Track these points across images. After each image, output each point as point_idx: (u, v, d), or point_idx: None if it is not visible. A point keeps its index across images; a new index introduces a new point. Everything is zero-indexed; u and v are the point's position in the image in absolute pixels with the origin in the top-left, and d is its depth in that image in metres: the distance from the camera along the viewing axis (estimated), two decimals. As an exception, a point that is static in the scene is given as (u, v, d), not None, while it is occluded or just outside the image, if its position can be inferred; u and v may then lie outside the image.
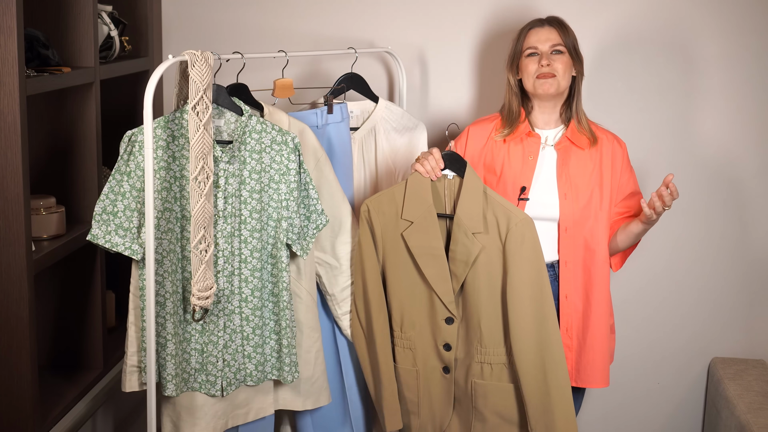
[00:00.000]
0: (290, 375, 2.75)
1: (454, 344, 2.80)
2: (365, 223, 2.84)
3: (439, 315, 2.79)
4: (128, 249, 2.56)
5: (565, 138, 2.89)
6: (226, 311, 2.69)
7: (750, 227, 3.56)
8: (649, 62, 3.49)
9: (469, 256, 2.72)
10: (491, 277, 2.74)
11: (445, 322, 2.79)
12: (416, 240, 2.77)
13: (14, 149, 2.48)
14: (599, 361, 2.90)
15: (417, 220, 2.76)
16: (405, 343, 2.86)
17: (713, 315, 3.63)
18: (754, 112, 3.49)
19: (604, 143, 2.91)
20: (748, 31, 3.45)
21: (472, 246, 2.72)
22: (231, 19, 3.58)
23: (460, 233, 2.73)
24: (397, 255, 2.82)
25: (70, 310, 3.01)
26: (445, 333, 2.80)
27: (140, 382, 2.67)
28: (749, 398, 3.29)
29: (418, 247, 2.77)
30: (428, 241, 2.76)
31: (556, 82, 2.84)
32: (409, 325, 2.84)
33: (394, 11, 3.55)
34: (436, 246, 2.75)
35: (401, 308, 2.85)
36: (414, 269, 2.80)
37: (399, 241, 2.80)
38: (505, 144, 2.92)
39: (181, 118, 2.61)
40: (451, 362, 2.81)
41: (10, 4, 2.41)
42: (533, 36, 2.87)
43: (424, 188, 2.77)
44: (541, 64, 2.83)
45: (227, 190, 2.65)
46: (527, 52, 2.86)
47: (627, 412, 3.72)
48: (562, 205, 2.87)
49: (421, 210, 2.76)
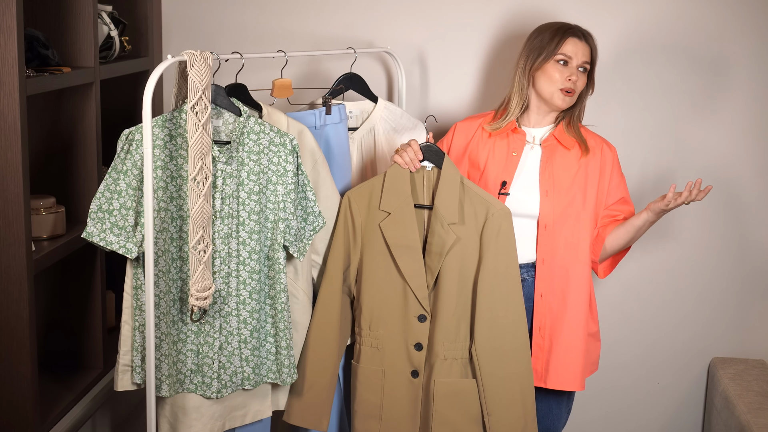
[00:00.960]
0: (289, 377, 2.75)
1: (425, 344, 2.77)
2: (346, 215, 2.82)
3: (412, 312, 2.77)
4: (123, 248, 2.56)
5: (552, 137, 2.89)
6: (222, 312, 2.69)
7: (750, 227, 3.56)
8: (649, 63, 3.49)
9: (443, 247, 2.72)
10: (465, 269, 2.74)
11: (417, 320, 2.77)
12: (393, 231, 2.76)
13: (14, 149, 2.48)
14: (572, 364, 2.88)
15: (394, 211, 2.76)
16: (372, 342, 2.82)
17: (713, 315, 3.63)
18: (754, 113, 3.49)
19: (593, 147, 2.90)
20: (748, 31, 3.45)
21: (446, 236, 2.72)
22: (230, 19, 3.58)
23: (437, 224, 2.74)
24: (374, 247, 2.80)
25: (70, 310, 3.01)
26: (417, 331, 2.77)
27: (132, 382, 2.67)
28: (749, 398, 3.29)
29: (394, 237, 2.76)
30: (405, 232, 2.76)
31: (573, 100, 2.86)
32: (379, 323, 2.81)
33: (394, 11, 3.55)
34: (412, 238, 2.75)
35: (372, 305, 2.82)
36: (390, 262, 2.79)
37: (376, 232, 2.79)
38: (490, 138, 2.93)
39: (179, 117, 2.61)
40: (421, 364, 2.78)
41: (10, 4, 2.41)
42: (570, 45, 2.84)
43: (402, 179, 2.77)
44: (570, 79, 2.82)
45: (224, 191, 2.65)
46: (558, 58, 2.83)
47: (627, 412, 3.72)
48: (543, 203, 2.86)
49: (399, 201, 2.76)
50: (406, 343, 2.79)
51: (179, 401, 2.70)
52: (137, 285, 2.61)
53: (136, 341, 2.63)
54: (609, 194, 2.91)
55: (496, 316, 2.74)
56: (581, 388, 2.91)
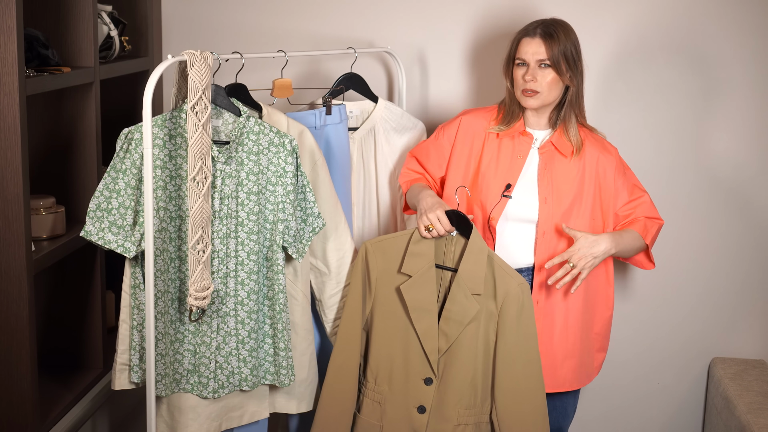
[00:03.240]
0: (287, 378, 2.74)
1: (429, 407, 2.75)
2: (362, 264, 2.81)
3: (419, 374, 2.76)
4: (121, 246, 2.57)
5: (550, 143, 2.87)
6: (220, 313, 2.69)
7: (750, 227, 3.56)
8: (649, 62, 3.49)
9: (465, 317, 2.71)
10: (484, 339, 2.74)
11: (423, 382, 2.76)
12: (413, 294, 2.75)
13: (14, 149, 2.48)
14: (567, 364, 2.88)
15: (416, 275, 2.75)
16: (375, 396, 2.81)
17: (713, 315, 3.63)
18: (755, 112, 3.49)
19: (589, 152, 2.87)
20: (748, 31, 3.45)
21: (470, 307, 2.70)
22: (230, 19, 3.58)
23: (459, 293, 2.72)
24: (389, 305, 2.79)
25: (69, 310, 3.01)
26: (422, 394, 2.76)
27: (130, 381, 2.67)
28: (749, 398, 3.29)
29: (413, 300, 2.75)
30: (424, 295, 2.74)
31: (539, 98, 2.81)
32: (384, 379, 2.80)
33: (394, 11, 3.55)
34: (430, 300, 2.74)
35: (379, 359, 2.81)
36: (405, 322, 2.77)
37: (393, 292, 2.79)
38: (497, 138, 2.91)
39: (179, 117, 2.61)
40: (422, 428, 2.76)
41: (10, 4, 2.41)
42: (523, 46, 2.82)
43: (428, 243, 2.76)
44: (525, 79, 2.80)
45: (223, 191, 2.65)
46: (517, 62, 2.83)
47: (627, 413, 3.72)
48: (542, 209, 2.84)
49: (422, 265, 2.75)
50: (408, 405, 2.77)
51: (176, 401, 2.70)
52: (135, 284, 2.62)
53: (134, 340, 2.63)
54: (616, 198, 2.89)
55: (517, 386, 2.72)
56: (572, 387, 2.91)
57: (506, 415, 2.74)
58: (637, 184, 2.94)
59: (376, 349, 2.81)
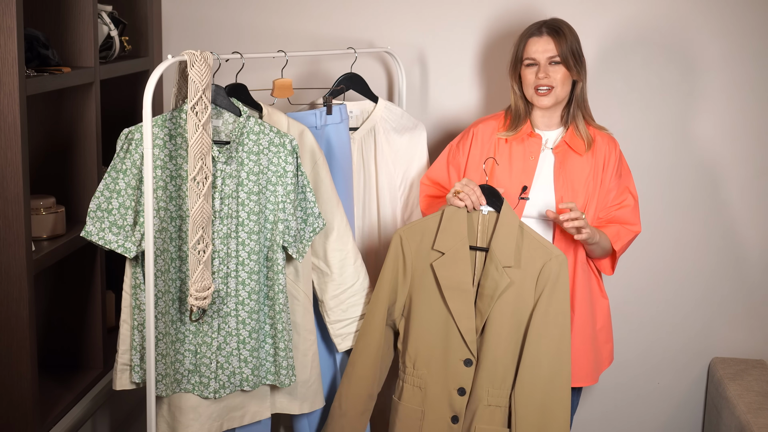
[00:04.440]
0: (287, 379, 2.74)
1: (468, 389, 2.73)
2: (398, 251, 2.78)
3: (458, 355, 2.73)
4: (121, 247, 2.56)
5: (564, 142, 2.89)
6: (221, 313, 2.69)
7: (750, 227, 3.56)
8: (649, 62, 3.49)
9: (496, 290, 2.68)
10: (518, 314, 2.70)
11: (463, 364, 2.73)
12: (445, 272, 2.72)
13: (14, 149, 2.48)
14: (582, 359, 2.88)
15: (449, 251, 2.72)
16: (415, 381, 2.80)
17: (713, 315, 3.63)
18: (755, 112, 3.49)
19: (599, 147, 2.89)
20: (748, 31, 3.45)
21: (500, 279, 2.68)
22: (231, 19, 3.58)
23: (491, 267, 2.69)
24: (424, 287, 2.77)
25: (70, 310, 3.01)
26: (462, 375, 2.74)
27: (131, 381, 2.67)
28: (749, 398, 3.29)
29: (446, 278, 2.72)
30: (457, 274, 2.71)
31: (553, 95, 2.83)
32: (423, 363, 2.78)
33: (394, 11, 3.55)
34: (464, 280, 2.71)
35: (417, 344, 2.78)
36: (440, 302, 2.75)
37: (428, 271, 2.76)
38: (507, 144, 2.92)
39: (179, 117, 2.61)
40: (462, 410, 2.74)
41: (10, 4, 2.41)
42: (531, 46, 2.84)
43: (459, 220, 2.73)
44: (538, 77, 2.82)
45: (224, 191, 2.65)
46: (526, 62, 2.85)
47: (627, 412, 3.72)
48: (559, 208, 2.86)
49: (455, 242, 2.72)
50: (448, 387, 2.75)
51: (177, 401, 2.70)
52: (136, 284, 2.62)
53: (135, 340, 2.63)
54: (606, 196, 2.90)
55: (539, 365, 2.68)
56: (594, 382, 2.93)
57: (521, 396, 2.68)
58: (629, 188, 2.94)
59: (415, 333, 2.78)
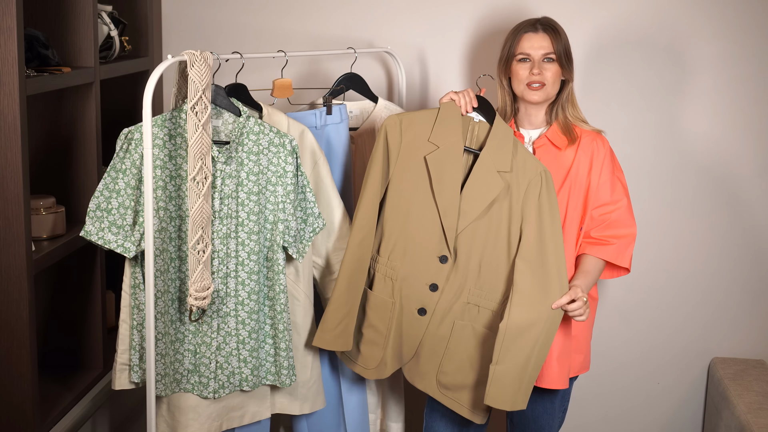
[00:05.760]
0: (288, 378, 2.74)
1: (441, 285, 2.74)
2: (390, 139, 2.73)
3: (435, 251, 2.73)
4: (120, 246, 2.57)
5: (544, 137, 2.87)
6: (220, 313, 2.69)
7: (750, 227, 3.56)
8: (648, 62, 3.49)
9: (488, 194, 2.68)
10: (508, 219, 2.70)
11: (438, 260, 2.73)
12: (438, 165, 2.71)
13: (14, 149, 2.48)
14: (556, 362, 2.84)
15: (444, 146, 2.71)
16: (387, 272, 2.78)
17: (713, 315, 3.63)
18: (755, 112, 3.49)
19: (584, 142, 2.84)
20: (747, 30, 3.45)
21: (493, 184, 2.68)
22: (230, 19, 3.58)
23: (482, 170, 2.69)
24: (412, 177, 2.74)
25: (70, 310, 3.01)
26: (436, 272, 2.73)
27: (130, 380, 2.67)
28: (749, 398, 3.29)
29: (438, 172, 2.71)
30: (450, 170, 2.71)
31: (545, 92, 2.82)
32: (399, 255, 2.76)
33: (394, 11, 3.55)
34: (456, 177, 2.70)
35: (396, 235, 2.76)
36: (428, 196, 2.73)
37: (419, 162, 2.73)
38: None
39: (179, 117, 2.61)
40: (432, 305, 2.75)
41: (10, 4, 2.41)
42: (526, 41, 2.83)
43: (455, 118, 2.73)
44: (532, 73, 2.81)
45: (223, 191, 2.65)
46: (519, 57, 2.84)
47: (627, 412, 3.72)
48: None
49: (450, 138, 2.72)
50: (420, 281, 2.75)
51: (176, 401, 2.70)
52: (135, 284, 2.62)
53: (134, 340, 2.63)
54: (597, 193, 2.84)
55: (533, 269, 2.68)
56: (564, 386, 2.88)
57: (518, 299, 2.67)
58: (621, 182, 2.89)
59: (395, 223, 2.76)
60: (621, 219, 2.85)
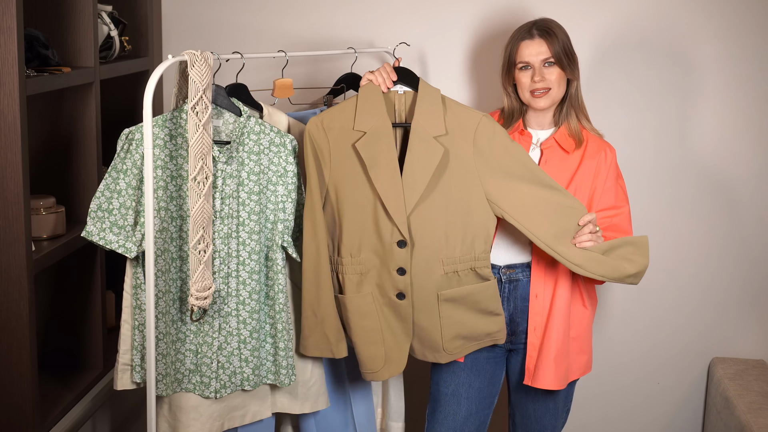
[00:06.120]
0: (287, 378, 2.74)
1: (408, 268, 2.71)
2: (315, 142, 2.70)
3: (391, 238, 2.70)
4: (122, 247, 2.57)
5: (552, 139, 2.87)
6: (221, 313, 2.69)
7: (750, 227, 3.56)
8: (649, 62, 3.49)
9: (430, 163, 2.64)
10: (464, 180, 2.68)
11: (396, 246, 2.70)
12: (369, 150, 2.66)
13: (14, 149, 2.48)
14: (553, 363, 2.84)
15: (370, 130, 2.67)
16: (356, 269, 2.74)
17: (713, 315, 3.63)
18: (755, 112, 3.49)
19: (591, 147, 2.85)
20: (748, 31, 3.45)
21: (433, 150, 2.64)
22: (231, 19, 3.58)
23: (417, 140, 2.65)
24: (349, 171, 2.70)
25: (70, 310, 3.01)
26: (398, 257, 2.70)
27: (132, 381, 2.67)
28: (749, 398, 3.29)
29: (370, 157, 2.66)
30: (381, 151, 2.66)
31: (550, 97, 2.81)
32: (360, 249, 2.73)
33: (394, 11, 3.55)
34: (389, 157, 2.66)
35: (352, 232, 2.73)
36: (366, 183, 2.69)
37: (350, 154, 2.69)
38: None
39: (179, 117, 2.61)
40: (407, 288, 2.72)
41: (10, 4, 2.41)
42: (524, 49, 2.82)
43: (376, 98, 2.69)
44: (534, 80, 2.80)
45: (224, 191, 2.65)
46: (520, 66, 2.83)
47: (627, 412, 3.72)
48: None
49: (375, 120, 2.67)
50: (388, 268, 2.72)
51: (177, 401, 2.70)
52: (137, 284, 2.62)
53: (136, 340, 2.63)
54: (601, 199, 2.85)
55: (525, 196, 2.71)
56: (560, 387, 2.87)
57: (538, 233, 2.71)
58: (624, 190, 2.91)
59: (347, 222, 2.72)
60: (622, 225, 2.86)
